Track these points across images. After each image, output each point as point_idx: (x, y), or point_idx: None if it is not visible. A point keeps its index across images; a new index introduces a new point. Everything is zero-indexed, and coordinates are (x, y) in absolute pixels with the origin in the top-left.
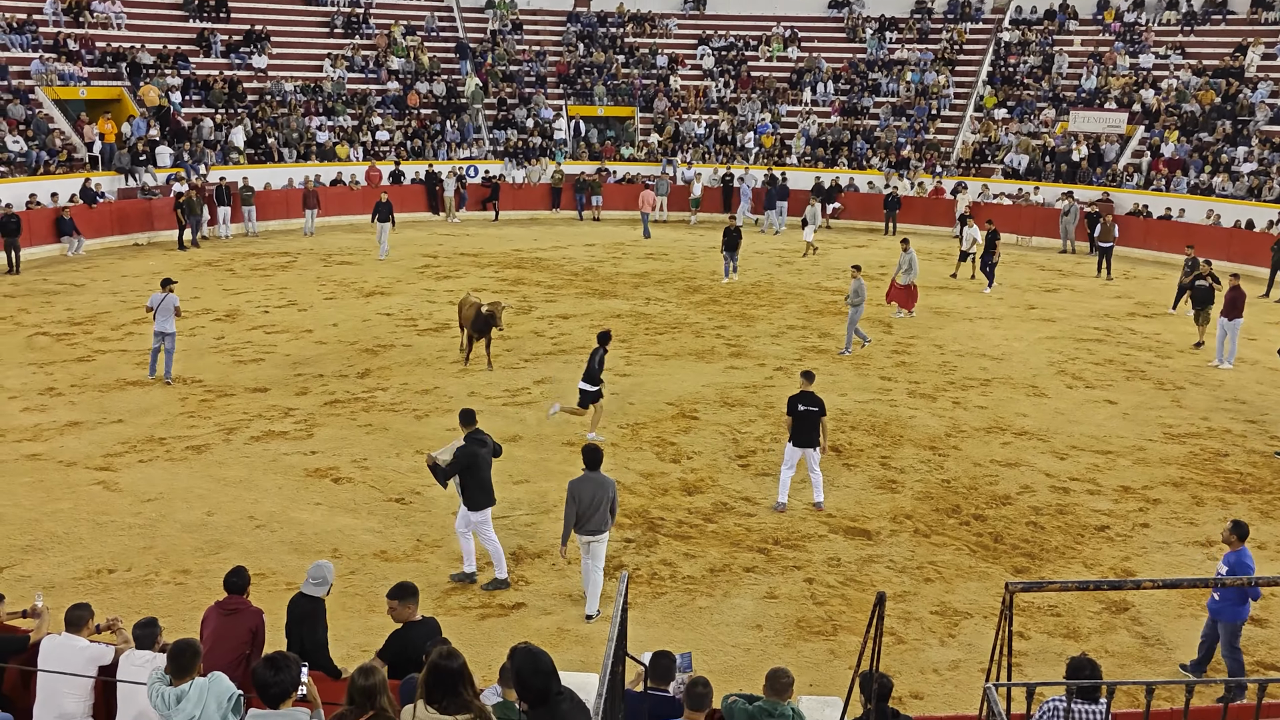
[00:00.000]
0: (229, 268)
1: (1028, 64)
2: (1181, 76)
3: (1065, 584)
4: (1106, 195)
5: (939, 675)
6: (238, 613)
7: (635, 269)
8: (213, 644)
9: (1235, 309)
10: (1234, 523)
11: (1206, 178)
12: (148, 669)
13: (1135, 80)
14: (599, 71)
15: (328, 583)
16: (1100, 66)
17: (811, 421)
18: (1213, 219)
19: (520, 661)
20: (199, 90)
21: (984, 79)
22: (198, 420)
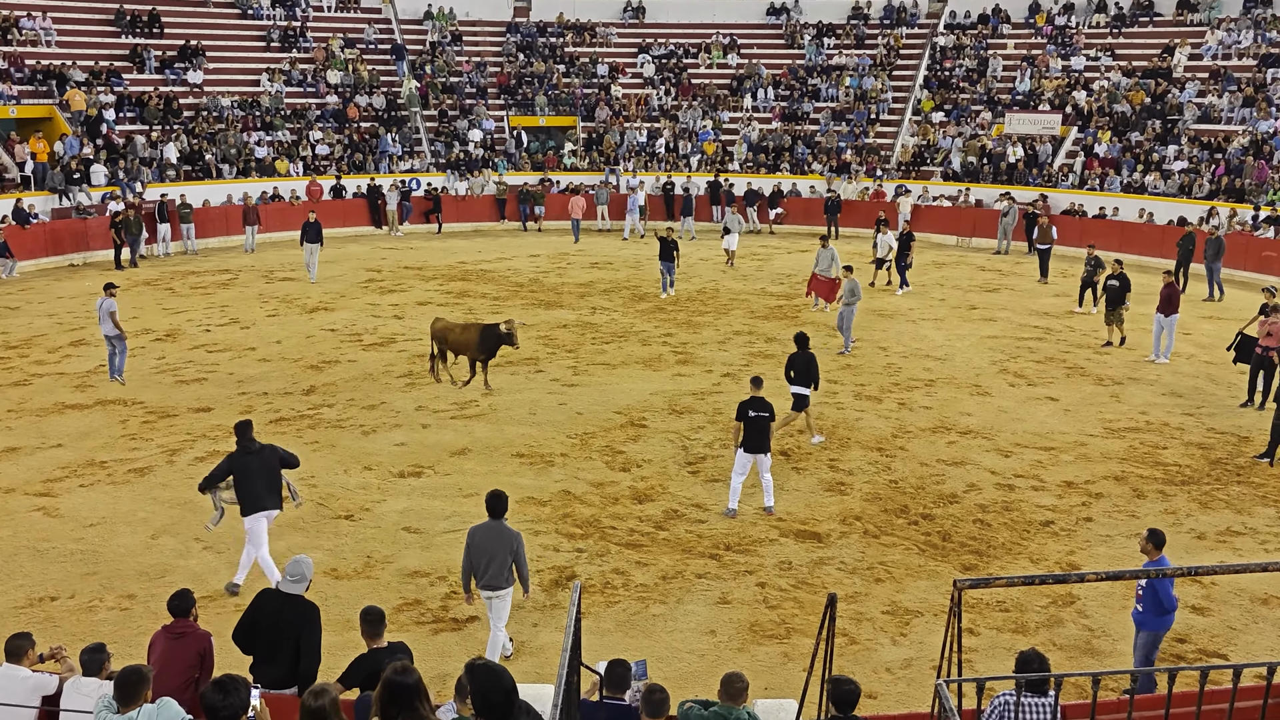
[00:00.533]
0: (168, 286)
1: (963, 68)
2: (1112, 78)
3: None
4: (1043, 196)
5: (891, 674)
6: (185, 636)
7: (580, 279)
8: (160, 669)
9: (1171, 305)
10: (1150, 531)
11: (1139, 176)
12: (94, 697)
13: (1067, 82)
14: (540, 81)
15: (306, 579)
16: (1033, 69)
17: (762, 427)
18: (1145, 217)
19: (482, 679)
20: (133, 107)
21: (921, 83)
22: (140, 442)
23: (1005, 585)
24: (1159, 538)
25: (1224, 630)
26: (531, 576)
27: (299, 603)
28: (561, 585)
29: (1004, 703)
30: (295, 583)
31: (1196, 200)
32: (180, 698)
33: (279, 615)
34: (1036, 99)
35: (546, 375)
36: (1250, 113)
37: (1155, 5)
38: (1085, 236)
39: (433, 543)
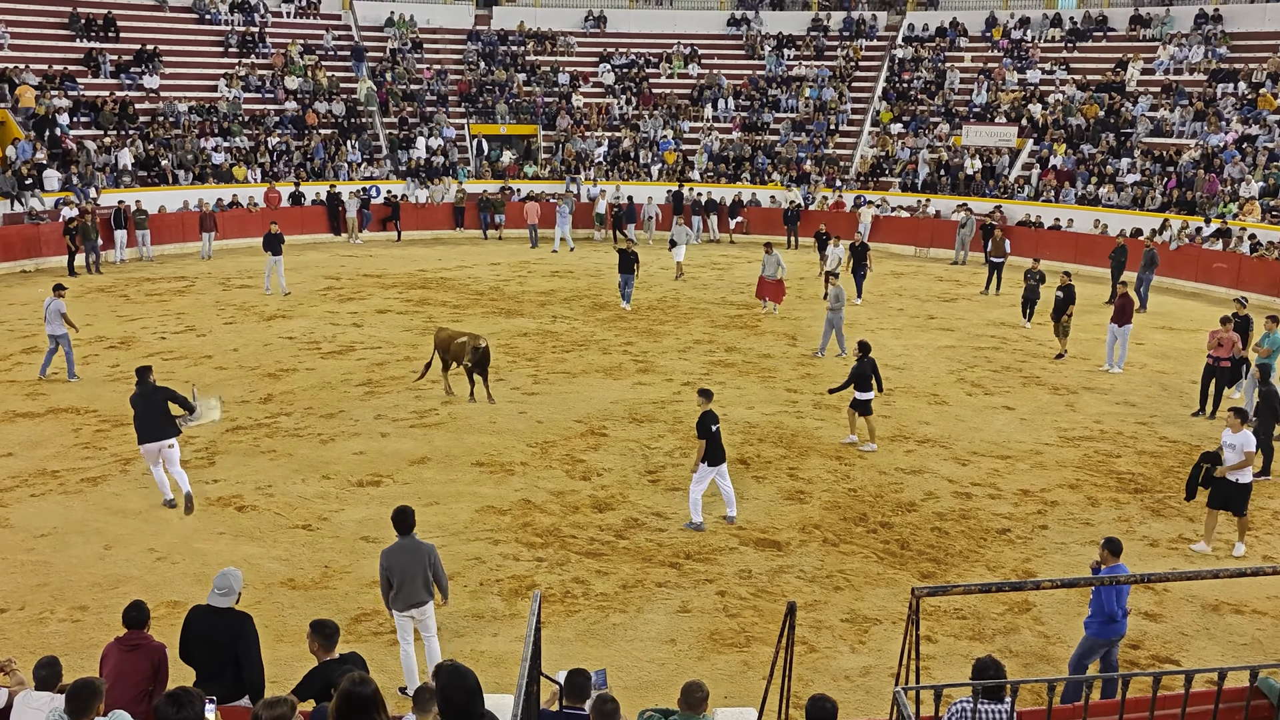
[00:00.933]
0: (123, 294)
1: (921, 80)
2: (1067, 91)
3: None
4: (999, 207)
5: (850, 681)
6: (139, 648)
7: (541, 287)
8: (113, 681)
9: (1124, 315)
10: (1107, 540)
11: (1093, 189)
12: (45, 711)
13: (1023, 95)
14: (500, 90)
15: (235, 591)
16: (990, 82)
17: (720, 439)
18: (1100, 228)
19: (446, 679)
20: (88, 112)
21: (880, 95)
22: (93, 451)
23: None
24: (1116, 546)
25: (1176, 636)
26: (491, 586)
27: (229, 616)
28: (521, 594)
29: (961, 710)
30: (223, 596)
31: (1149, 213)
32: (134, 711)
33: (212, 631)
34: (993, 111)
35: (507, 384)
36: (1201, 127)
37: (1109, 20)
38: (1040, 248)
39: None
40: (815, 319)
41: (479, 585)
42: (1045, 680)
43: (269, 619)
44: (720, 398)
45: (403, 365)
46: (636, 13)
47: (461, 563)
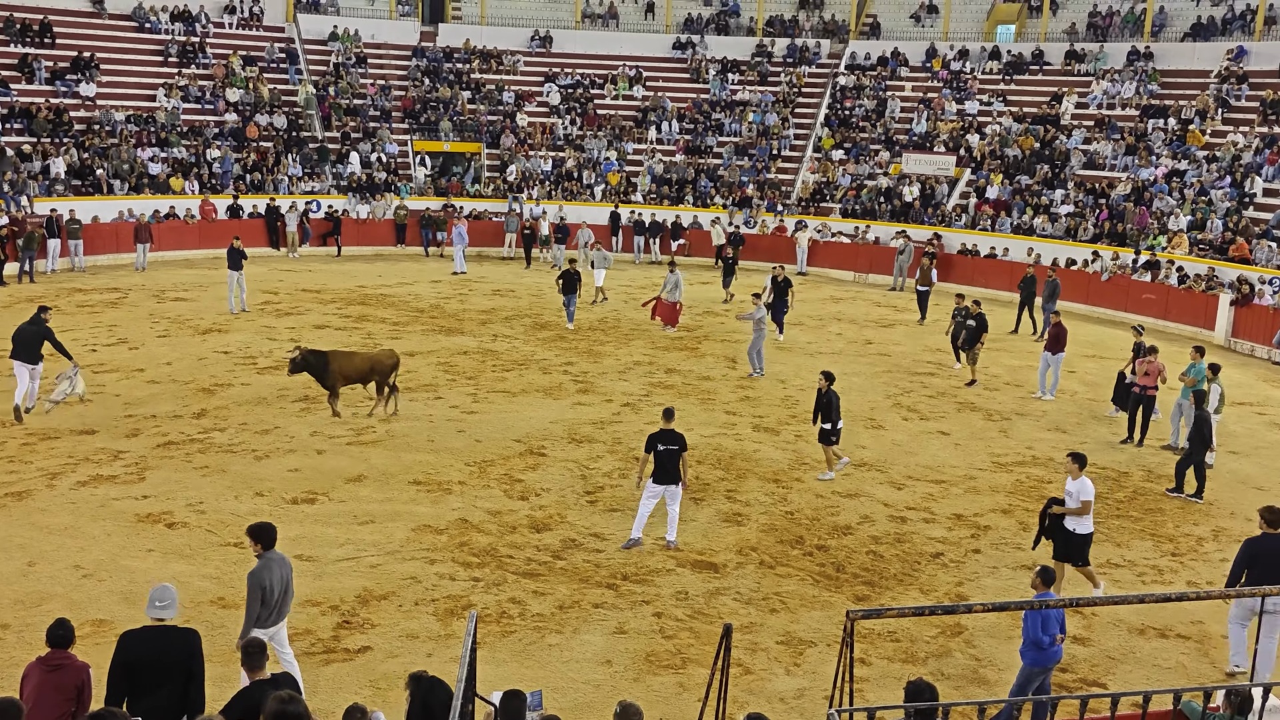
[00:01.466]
0: (54, 304)
1: (863, 107)
2: (1004, 123)
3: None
4: (937, 235)
5: (785, 704)
6: (62, 668)
7: (482, 305)
8: (34, 702)
9: (1058, 344)
10: (1042, 568)
11: (1028, 219)
12: None
13: (962, 125)
14: (445, 107)
15: (175, 602)
16: (930, 111)
17: (672, 459)
18: (1033, 257)
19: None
20: (21, 119)
21: (822, 121)
22: (18, 465)
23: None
24: (1049, 575)
25: (1103, 660)
26: (426, 605)
27: (179, 634)
28: (457, 615)
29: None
30: (165, 608)
31: (1081, 243)
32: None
33: (163, 651)
34: (932, 140)
35: (446, 402)
36: (1132, 160)
37: (1045, 55)
38: (976, 275)
39: (325, 571)
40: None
41: (414, 605)
42: (976, 703)
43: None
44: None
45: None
46: (583, 34)
47: (397, 582)
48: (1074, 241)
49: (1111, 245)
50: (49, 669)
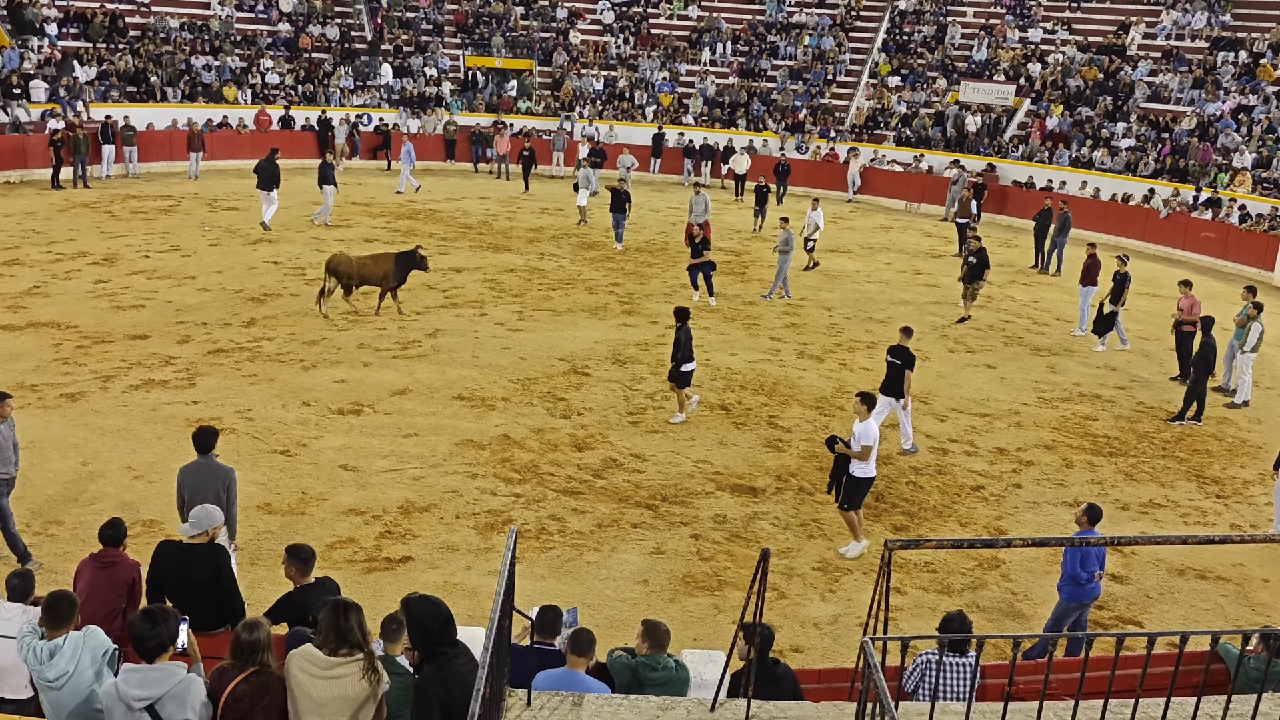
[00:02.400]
0: (108, 210)
1: (922, 33)
2: (1067, 52)
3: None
4: (991, 165)
5: (819, 629)
6: (113, 566)
7: (530, 224)
8: (87, 597)
9: (1089, 276)
10: (1089, 505)
11: (1087, 152)
12: (16, 622)
13: (1024, 54)
14: (497, 22)
15: (203, 528)
16: (991, 39)
17: (895, 373)
18: (1088, 191)
19: (418, 609)
20: (76, 23)
21: (879, 46)
22: (73, 367)
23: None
24: (1095, 513)
25: (1141, 599)
26: (467, 519)
27: (202, 552)
28: (497, 529)
29: (926, 661)
30: (192, 526)
31: (1141, 178)
32: (106, 628)
33: (187, 567)
34: (992, 69)
35: (491, 319)
36: (1199, 94)
37: None
38: (1030, 209)
39: (369, 481)
40: (794, 269)
41: (455, 518)
42: (1010, 636)
43: (244, 542)
44: (704, 343)
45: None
46: None
47: (439, 494)
48: (1133, 176)
49: (1172, 181)
50: (101, 566)
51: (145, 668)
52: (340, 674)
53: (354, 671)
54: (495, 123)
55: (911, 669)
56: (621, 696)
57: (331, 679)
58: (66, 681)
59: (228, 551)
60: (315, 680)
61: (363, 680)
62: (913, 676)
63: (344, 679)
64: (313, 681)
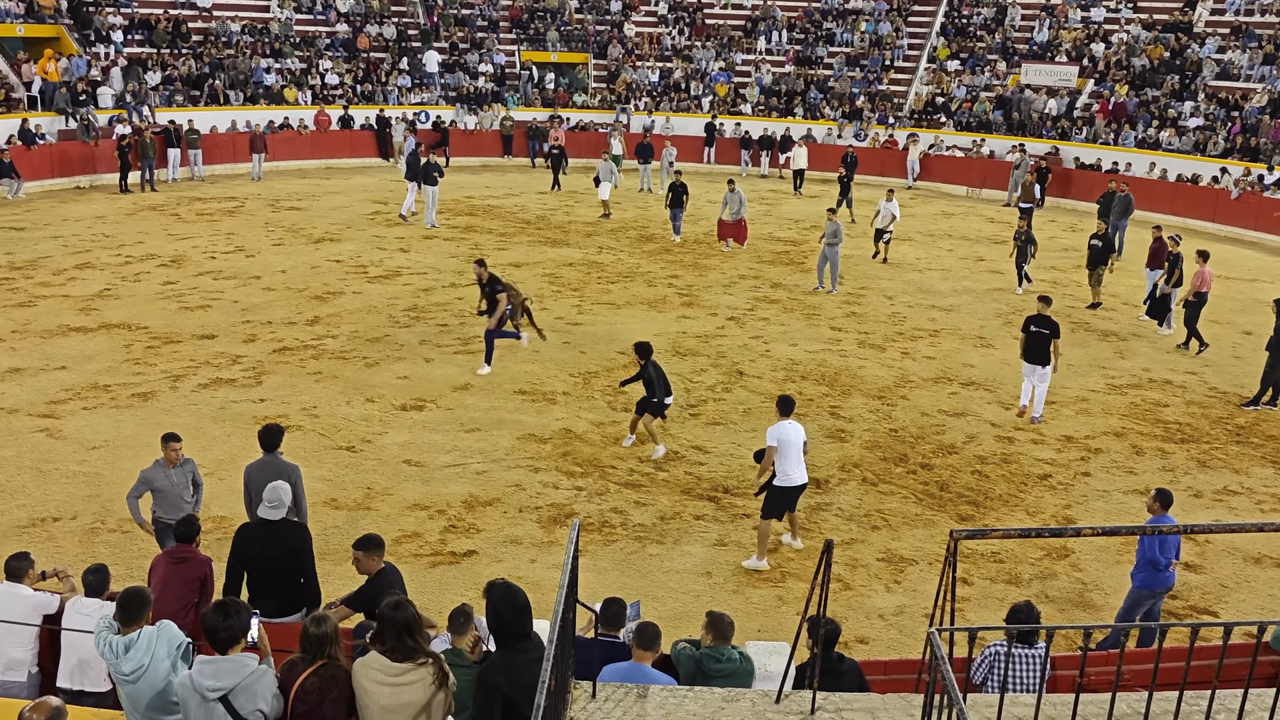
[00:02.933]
0: (174, 212)
1: (981, 16)
2: (1131, 31)
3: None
4: (1055, 149)
5: (884, 620)
6: (186, 561)
7: (588, 217)
8: (161, 592)
9: (1156, 260)
10: (1159, 490)
11: (1154, 132)
12: (94, 617)
13: (1086, 34)
14: (552, 17)
15: (284, 504)
16: (1052, 19)
17: (1041, 341)
18: (1155, 172)
19: (497, 596)
20: (141, 30)
21: (937, 30)
22: (143, 367)
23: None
24: (1166, 498)
25: (1215, 588)
26: (530, 512)
27: (285, 529)
28: (560, 522)
29: (994, 653)
30: (274, 509)
31: (1210, 158)
32: (179, 622)
33: (268, 545)
34: (1054, 50)
35: (551, 313)
36: (1270, 71)
37: None
38: (1096, 191)
39: (433, 476)
40: (863, 258)
41: (518, 511)
42: (1081, 626)
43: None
44: (764, 333)
45: (448, 292)
46: None
47: (502, 489)
48: (1203, 156)
49: (1243, 161)
50: (174, 561)
51: (218, 659)
52: (409, 680)
53: (423, 678)
54: (551, 117)
55: (980, 660)
56: (686, 688)
57: (400, 685)
58: (142, 675)
59: (308, 530)
60: (384, 688)
61: (432, 685)
62: (981, 668)
63: (413, 685)
64: (382, 689)
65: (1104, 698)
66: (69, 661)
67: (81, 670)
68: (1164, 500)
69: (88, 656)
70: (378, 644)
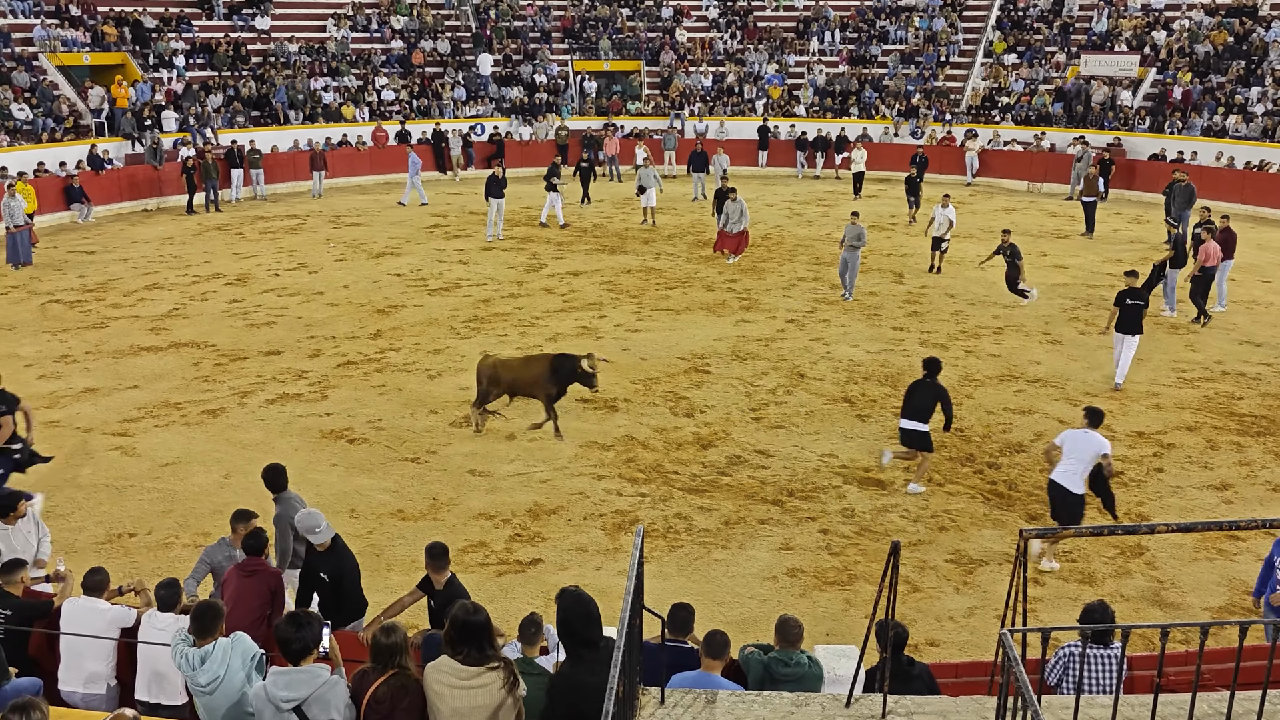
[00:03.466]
0: (239, 231)
1: (1037, 7)
2: (1194, 17)
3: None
4: (1117, 140)
5: (954, 622)
6: (257, 574)
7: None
8: (233, 605)
9: (1227, 249)
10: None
11: (1220, 119)
12: (170, 630)
13: (1147, 21)
14: (604, 25)
15: (325, 527)
16: (1111, 8)
17: (1136, 312)
18: (1224, 161)
19: (567, 604)
20: (203, 54)
21: (993, 24)
22: (212, 384)
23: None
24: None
25: None
26: (595, 520)
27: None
28: (624, 529)
29: (1069, 653)
30: (318, 535)
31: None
32: (252, 633)
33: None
34: (1114, 39)
35: (610, 320)
36: None
37: None
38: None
39: (498, 486)
40: (922, 256)
41: (582, 519)
42: (1158, 625)
43: (380, 548)
44: (824, 335)
45: (507, 302)
46: None
47: (566, 496)
48: (1272, 143)
49: None
50: (245, 574)
51: (292, 670)
52: (481, 683)
53: (495, 680)
54: (606, 125)
55: (1054, 662)
56: (755, 693)
57: (472, 689)
58: (218, 686)
59: (352, 555)
60: (456, 691)
61: (502, 690)
62: (1055, 669)
63: (485, 688)
64: (453, 692)
65: (1184, 698)
66: (145, 674)
67: (158, 683)
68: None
69: (163, 669)
70: (449, 648)
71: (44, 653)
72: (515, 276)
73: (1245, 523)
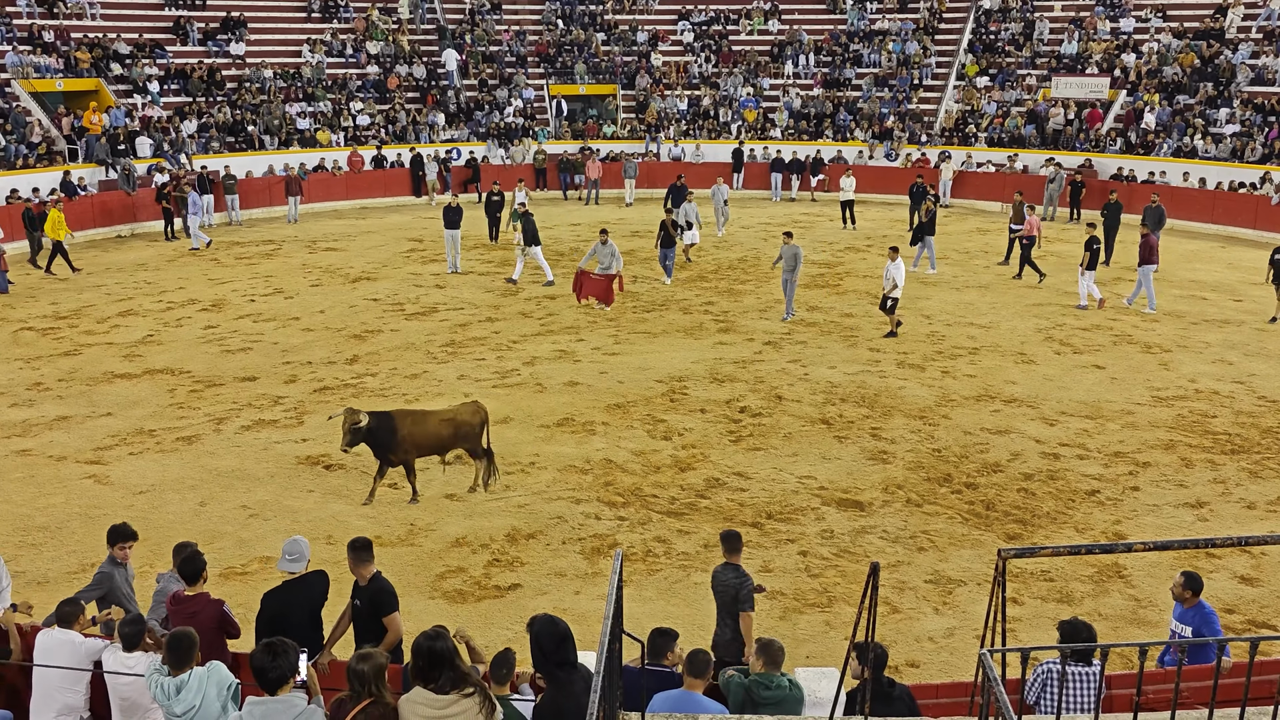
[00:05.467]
0: (214, 257)
1: (1009, 31)
2: (1162, 40)
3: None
4: (1088, 161)
5: (934, 643)
6: (197, 615)
7: (621, 247)
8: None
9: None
10: (1185, 575)
11: (1189, 140)
12: (144, 662)
13: (1116, 44)
14: (579, 50)
15: (305, 557)
16: (1081, 31)
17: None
18: (1195, 182)
19: (537, 629)
20: (177, 79)
21: (965, 47)
22: (187, 411)
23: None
24: (1197, 583)
25: (1273, 600)
26: (573, 544)
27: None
28: (603, 553)
29: (1048, 670)
30: (294, 561)
31: (1249, 164)
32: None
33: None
34: (1084, 62)
35: (587, 344)
36: None
37: None
38: (1133, 202)
39: (475, 510)
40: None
41: (561, 544)
42: (1137, 644)
43: None
44: (801, 357)
45: (484, 326)
46: None
47: (544, 521)
48: (1241, 163)
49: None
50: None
51: (268, 700)
52: (456, 711)
53: (470, 707)
54: (582, 149)
55: (1033, 679)
56: (736, 716)
57: (450, 715)
58: (195, 715)
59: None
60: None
61: (479, 715)
62: (1034, 687)
63: (460, 715)
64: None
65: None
66: (116, 706)
67: (128, 716)
68: (1195, 587)
69: (136, 699)
70: (419, 680)
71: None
72: (492, 300)
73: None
